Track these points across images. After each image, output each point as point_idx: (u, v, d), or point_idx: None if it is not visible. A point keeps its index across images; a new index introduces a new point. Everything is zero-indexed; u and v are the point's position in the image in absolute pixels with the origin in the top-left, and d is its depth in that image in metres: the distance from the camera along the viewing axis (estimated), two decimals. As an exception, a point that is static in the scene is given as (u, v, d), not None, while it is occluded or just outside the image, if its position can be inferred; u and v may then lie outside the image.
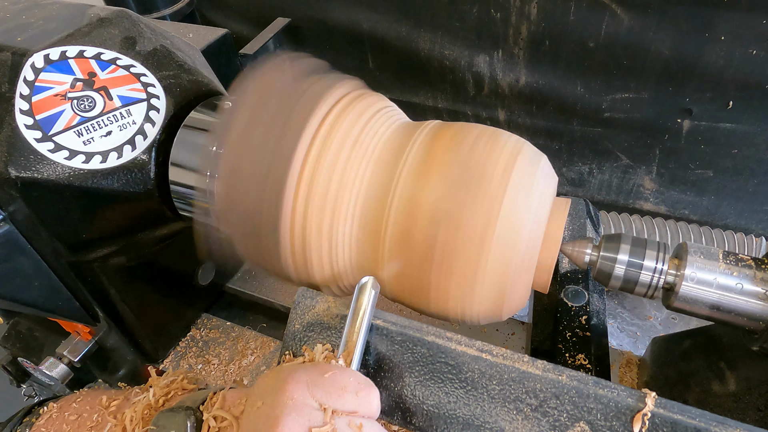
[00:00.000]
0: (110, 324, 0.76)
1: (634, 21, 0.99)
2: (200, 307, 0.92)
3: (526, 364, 0.45)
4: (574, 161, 1.25)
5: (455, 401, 0.47)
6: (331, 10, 1.28)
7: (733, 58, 0.95)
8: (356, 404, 0.41)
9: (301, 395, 0.39)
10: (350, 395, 0.41)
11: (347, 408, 0.40)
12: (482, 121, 1.29)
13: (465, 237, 0.48)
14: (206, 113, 0.65)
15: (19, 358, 0.90)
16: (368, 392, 0.42)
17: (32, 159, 0.56)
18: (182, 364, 0.84)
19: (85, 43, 0.61)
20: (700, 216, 1.20)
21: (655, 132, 1.11)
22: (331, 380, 0.41)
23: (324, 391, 0.40)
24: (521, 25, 1.09)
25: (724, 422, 0.40)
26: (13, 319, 0.92)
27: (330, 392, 0.40)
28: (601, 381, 0.44)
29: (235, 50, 1.08)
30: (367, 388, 0.42)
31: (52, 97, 0.58)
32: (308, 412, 0.38)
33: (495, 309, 0.51)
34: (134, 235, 0.69)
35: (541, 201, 0.50)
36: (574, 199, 0.79)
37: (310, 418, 0.38)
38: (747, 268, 0.50)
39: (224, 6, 1.46)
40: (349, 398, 0.41)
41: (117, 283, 0.71)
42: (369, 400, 0.42)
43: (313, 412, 0.39)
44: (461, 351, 0.47)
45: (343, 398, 0.40)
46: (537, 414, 0.44)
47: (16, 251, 0.62)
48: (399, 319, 0.50)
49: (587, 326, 0.67)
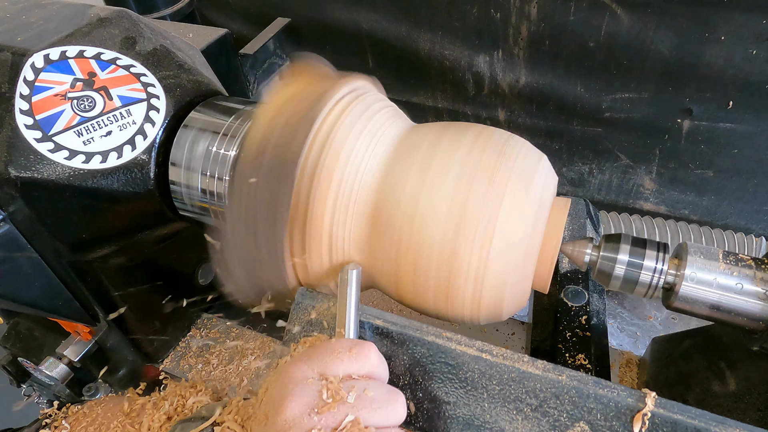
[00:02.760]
0: (110, 324, 0.76)
1: (634, 21, 0.99)
2: (200, 307, 0.92)
3: (526, 364, 0.45)
4: (574, 161, 1.25)
5: (455, 401, 0.47)
6: (331, 10, 1.29)
7: (733, 58, 0.95)
8: (351, 362, 0.42)
9: (301, 373, 0.40)
10: (344, 355, 0.42)
11: (345, 368, 0.41)
12: (482, 121, 1.29)
13: (465, 237, 0.48)
14: (206, 113, 0.65)
15: (19, 358, 0.90)
16: (361, 348, 0.43)
17: (32, 159, 0.56)
18: (182, 364, 0.84)
19: (85, 43, 0.61)
20: (700, 216, 1.20)
21: (655, 132, 1.11)
22: (324, 349, 0.42)
23: (320, 361, 0.41)
24: (521, 25, 1.09)
25: (724, 422, 0.40)
26: (13, 319, 0.92)
27: (325, 360, 0.41)
28: (601, 381, 0.44)
29: (235, 50, 1.08)
30: (360, 345, 0.43)
31: (52, 97, 0.58)
32: (312, 385, 0.39)
33: (495, 309, 0.51)
34: (134, 235, 0.69)
35: (541, 201, 0.50)
36: (574, 199, 0.79)
37: (316, 389, 0.39)
38: (747, 268, 0.50)
39: (224, 6, 1.46)
40: (344, 358, 0.42)
41: (117, 283, 0.71)
42: (363, 354, 0.42)
43: (316, 383, 0.40)
44: (461, 351, 0.47)
45: (338, 361, 0.41)
46: (537, 414, 0.44)
47: (16, 251, 0.62)
48: (399, 319, 0.50)
49: (587, 326, 0.67)
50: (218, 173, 0.60)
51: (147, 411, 0.68)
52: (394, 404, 0.40)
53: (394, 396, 0.41)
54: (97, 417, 0.71)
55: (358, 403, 0.39)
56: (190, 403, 0.70)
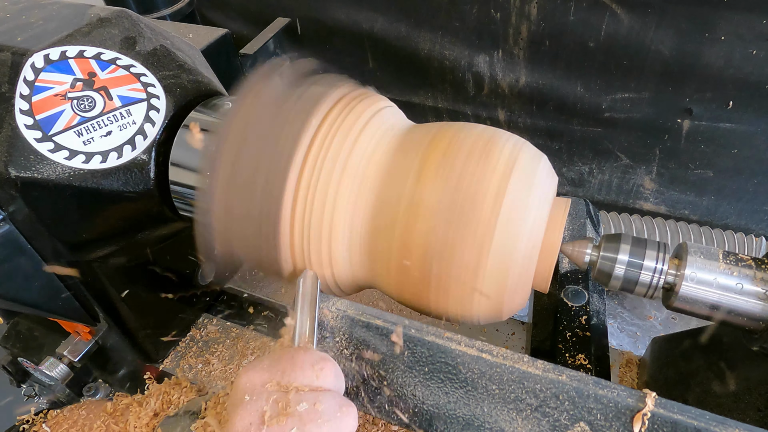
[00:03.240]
0: (110, 324, 0.76)
1: (634, 21, 0.99)
2: (200, 307, 0.92)
3: (526, 364, 0.45)
4: (574, 161, 1.25)
5: (455, 401, 0.47)
6: (331, 10, 1.28)
7: (733, 58, 0.95)
8: (310, 375, 0.42)
9: (259, 380, 0.42)
10: (302, 367, 0.43)
11: (302, 380, 0.42)
12: (482, 121, 1.29)
13: (465, 237, 0.48)
14: (206, 113, 0.65)
15: (19, 358, 0.90)
16: (321, 363, 0.44)
17: (32, 159, 0.56)
18: (182, 364, 0.84)
19: (85, 43, 0.61)
20: (700, 216, 1.20)
21: (655, 132, 1.11)
22: (285, 359, 0.43)
23: (279, 371, 0.42)
24: (521, 25, 1.09)
25: (724, 422, 0.40)
26: (13, 319, 0.92)
27: (285, 370, 0.42)
28: (601, 381, 0.44)
29: (235, 50, 1.08)
30: (320, 361, 0.44)
31: (52, 97, 0.58)
32: (265, 394, 0.40)
33: (495, 309, 0.51)
34: (134, 235, 0.69)
35: (541, 201, 0.50)
36: (574, 199, 0.79)
37: (268, 399, 0.40)
38: (747, 268, 0.50)
39: (224, 6, 1.46)
40: (303, 370, 0.43)
41: (117, 283, 0.71)
42: (321, 369, 0.43)
43: (269, 393, 0.41)
44: (461, 351, 0.47)
45: (296, 371, 0.42)
46: (537, 414, 0.44)
47: (16, 251, 0.62)
48: (399, 320, 0.50)
49: (587, 326, 0.67)
50: (218, 173, 0.60)
51: (132, 410, 0.68)
52: (344, 417, 0.41)
53: (345, 409, 0.42)
54: (79, 419, 0.70)
55: (307, 416, 0.39)
56: (175, 398, 0.70)
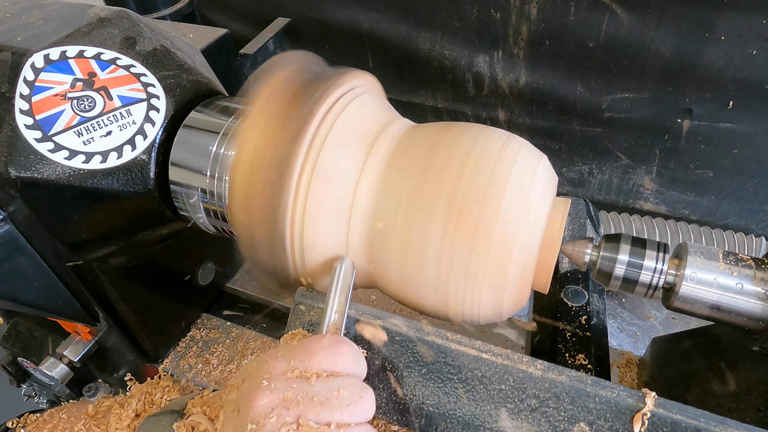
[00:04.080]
0: (110, 324, 0.76)
1: (634, 21, 0.99)
2: (200, 307, 0.92)
3: (526, 364, 0.45)
4: (574, 161, 1.25)
5: (455, 401, 0.47)
6: (331, 10, 1.29)
7: (733, 58, 0.95)
8: (329, 360, 0.42)
9: (277, 367, 0.42)
10: (321, 353, 0.43)
11: (319, 365, 0.42)
12: (482, 121, 1.29)
13: (465, 237, 0.48)
14: (206, 113, 0.65)
15: (19, 358, 0.90)
16: (338, 347, 0.44)
17: (32, 159, 0.56)
18: (182, 364, 0.84)
19: (85, 43, 0.61)
20: (700, 216, 1.20)
21: (655, 132, 1.11)
22: (301, 345, 0.43)
23: (297, 359, 0.42)
24: (521, 25, 1.09)
25: (724, 422, 0.40)
26: (13, 319, 0.92)
27: (302, 357, 0.42)
28: (601, 381, 0.44)
29: (235, 50, 1.08)
30: (337, 344, 0.44)
31: (52, 97, 0.58)
32: (284, 380, 0.40)
33: (495, 309, 0.51)
34: (134, 235, 0.69)
35: (541, 201, 0.50)
36: (574, 199, 0.79)
37: (288, 385, 0.40)
38: (747, 268, 0.50)
39: (224, 6, 1.46)
40: (321, 355, 0.43)
41: (117, 283, 0.71)
42: (338, 351, 0.43)
43: (289, 379, 0.41)
44: (461, 351, 0.47)
45: (314, 358, 0.42)
46: (537, 414, 0.44)
47: (16, 251, 0.62)
48: (399, 319, 0.50)
49: (587, 326, 0.67)
50: (218, 173, 0.60)
51: (114, 411, 0.68)
52: (363, 401, 0.41)
53: (365, 393, 0.42)
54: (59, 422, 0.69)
55: (327, 400, 0.39)
56: (158, 398, 0.70)
